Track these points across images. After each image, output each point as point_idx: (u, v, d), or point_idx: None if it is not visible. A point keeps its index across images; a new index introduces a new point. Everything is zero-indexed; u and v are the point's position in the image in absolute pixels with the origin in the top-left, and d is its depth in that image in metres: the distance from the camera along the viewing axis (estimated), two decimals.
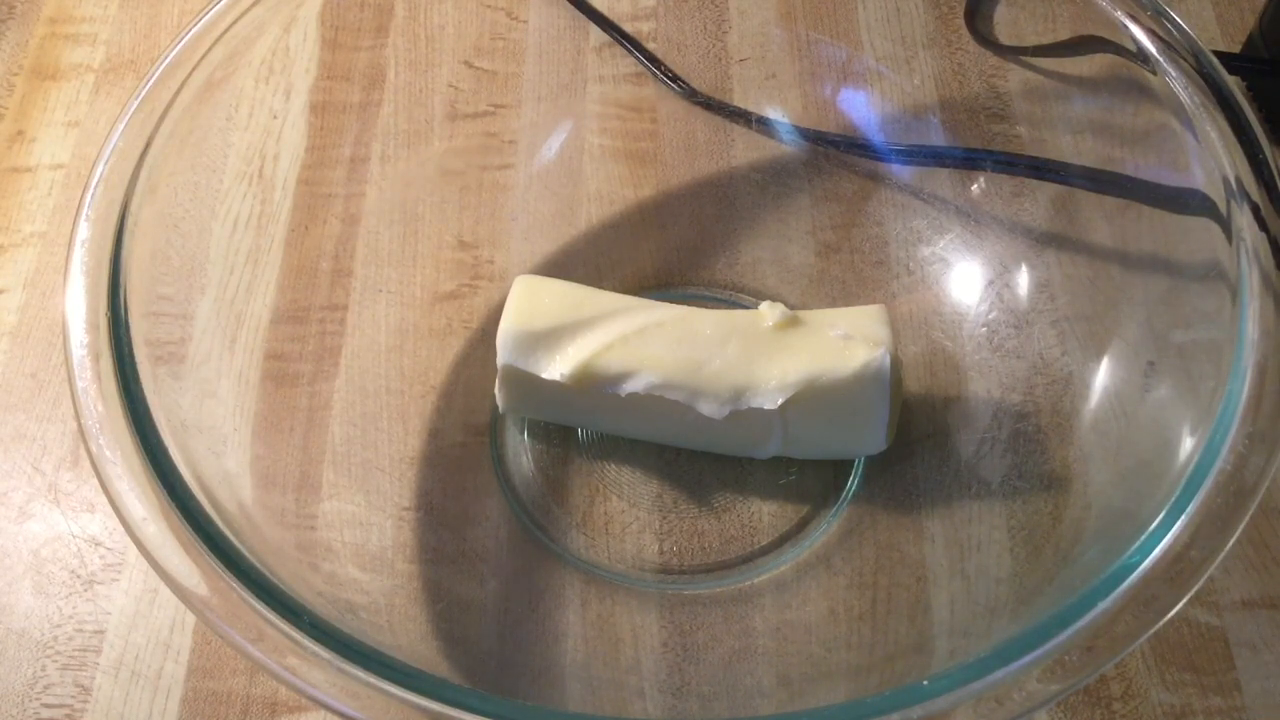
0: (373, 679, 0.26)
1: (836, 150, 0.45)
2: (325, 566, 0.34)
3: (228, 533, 0.28)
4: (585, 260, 0.44)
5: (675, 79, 0.47)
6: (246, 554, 0.28)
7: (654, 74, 0.47)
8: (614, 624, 0.36)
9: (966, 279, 0.42)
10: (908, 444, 0.38)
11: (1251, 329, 0.30)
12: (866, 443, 0.38)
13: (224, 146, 0.38)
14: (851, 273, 0.43)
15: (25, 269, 0.45)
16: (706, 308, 0.39)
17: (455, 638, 0.34)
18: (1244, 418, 0.29)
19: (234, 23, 0.36)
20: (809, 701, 0.33)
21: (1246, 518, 0.28)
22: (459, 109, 0.45)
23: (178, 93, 0.34)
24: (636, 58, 0.47)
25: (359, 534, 0.36)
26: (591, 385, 0.37)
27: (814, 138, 0.45)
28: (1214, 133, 0.33)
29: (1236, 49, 0.48)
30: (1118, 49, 0.36)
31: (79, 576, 0.39)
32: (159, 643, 0.37)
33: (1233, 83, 0.34)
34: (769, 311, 0.37)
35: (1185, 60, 0.35)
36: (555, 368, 0.37)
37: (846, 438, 0.38)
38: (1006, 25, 0.43)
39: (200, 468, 0.30)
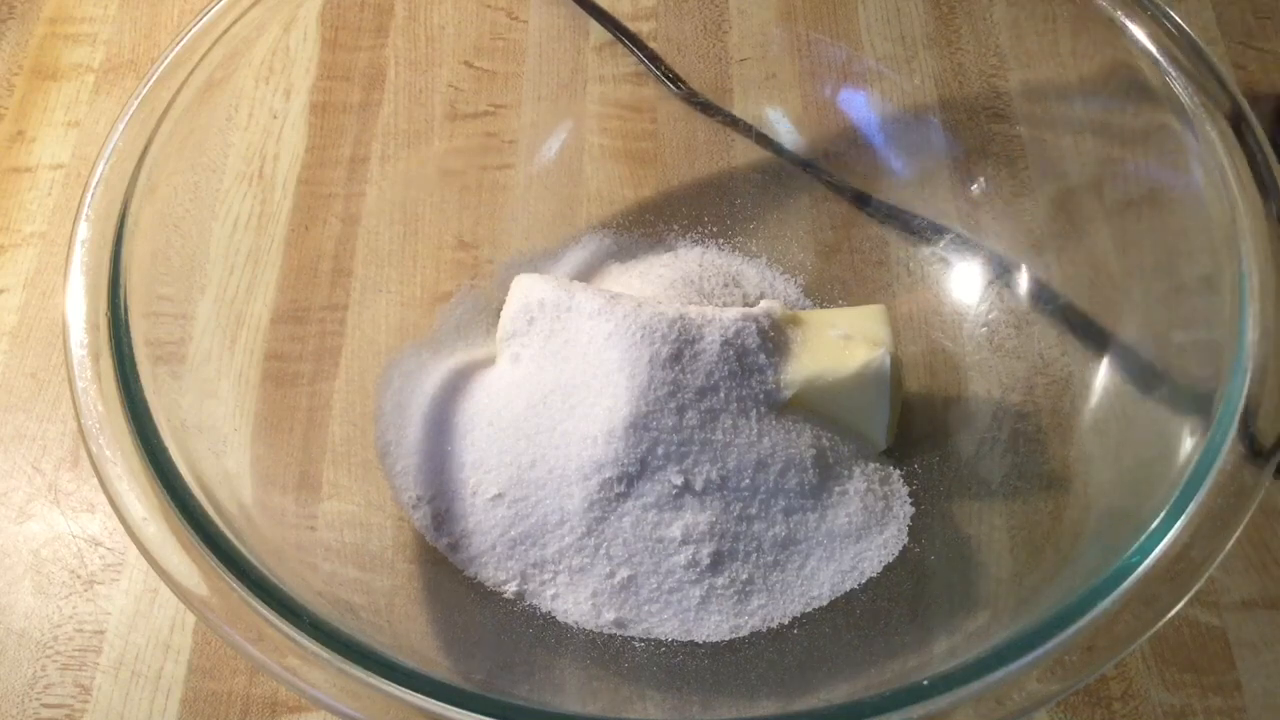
0: (373, 679, 0.26)
1: (834, 158, 0.45)
2: (325, 566, 0.34)
3: (228, 533, 0.28)
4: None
5: (675, 79, 0.47)
6: (246, 554, 0.28)
7: (654, 74, 0.47)
8: None
9: (966, 279, 0.42)
10: (908, 444, 0.38)
11: (1251, 330, 0.30)
12: (866, 443, 0.38)
13: (224, 146, 0.38)
14: (851, 273, 0.43)
15: (25, 269, 0.45)
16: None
17: (455, 638, 0.34)
18: (1244, 418, 0.29)
19: (234, 23, 0.36)
20: (809, 701, 0.33)
21: (1246, 518, 0.28)
22: (459, 109, 0.45)
23: (178, 93, 0.34)
24: (637, 57, 0.47)
25: (359, 534, 0.36)
26: None
27: (809, 152, 0.45)
28: (1214, 133, 0.33)
29: (1236, 48, 0.48)
30: (1118, 49, 0.36)
31: (79, 576, 0.39)
32: (159, 643, 0.37)
33: (1233, 82, 0.34)
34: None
35: (1185, 60, 0.35)
36: None
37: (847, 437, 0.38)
38: (1006, 25, 0.43)
39: (200, 468, 0.30)
